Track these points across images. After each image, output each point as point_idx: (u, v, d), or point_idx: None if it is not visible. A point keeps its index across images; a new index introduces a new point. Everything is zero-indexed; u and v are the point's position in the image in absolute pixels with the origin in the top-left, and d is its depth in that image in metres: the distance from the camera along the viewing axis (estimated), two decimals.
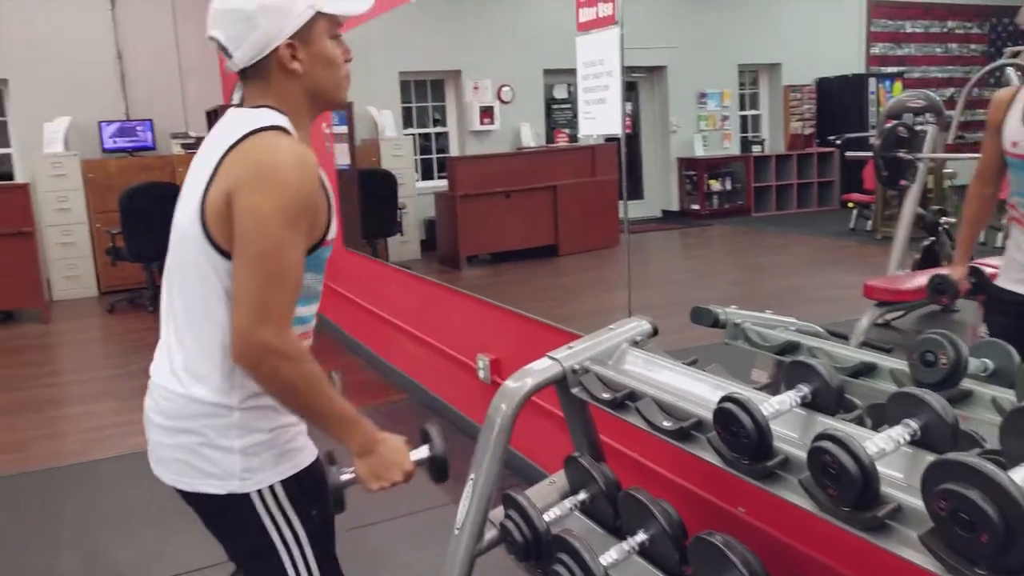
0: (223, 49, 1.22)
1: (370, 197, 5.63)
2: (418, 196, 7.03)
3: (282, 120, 1.21)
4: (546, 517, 1.65)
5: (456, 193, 6.52)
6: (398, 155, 6.86)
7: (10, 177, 7.38)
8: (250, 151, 1.16)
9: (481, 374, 3.21)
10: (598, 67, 2.19)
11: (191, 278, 1.23)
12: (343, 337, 5.17)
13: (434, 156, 7.79)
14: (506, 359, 3.11)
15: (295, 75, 1.23)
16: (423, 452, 1.37)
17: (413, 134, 7.54)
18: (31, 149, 7.10)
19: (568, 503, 1.74)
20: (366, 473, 1.27)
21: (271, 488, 1.27)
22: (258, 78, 1.24)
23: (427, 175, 7.70)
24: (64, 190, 6.92)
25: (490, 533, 1.69)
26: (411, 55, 6.47)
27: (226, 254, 1.17)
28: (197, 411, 1.24)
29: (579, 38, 2.28)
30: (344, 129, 5.21)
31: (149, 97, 7.66)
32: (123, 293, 6.89)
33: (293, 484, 1.30)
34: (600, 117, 2.20)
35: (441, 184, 7.04)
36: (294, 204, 1.14)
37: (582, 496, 1.74)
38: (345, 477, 1.29)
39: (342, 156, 5.12)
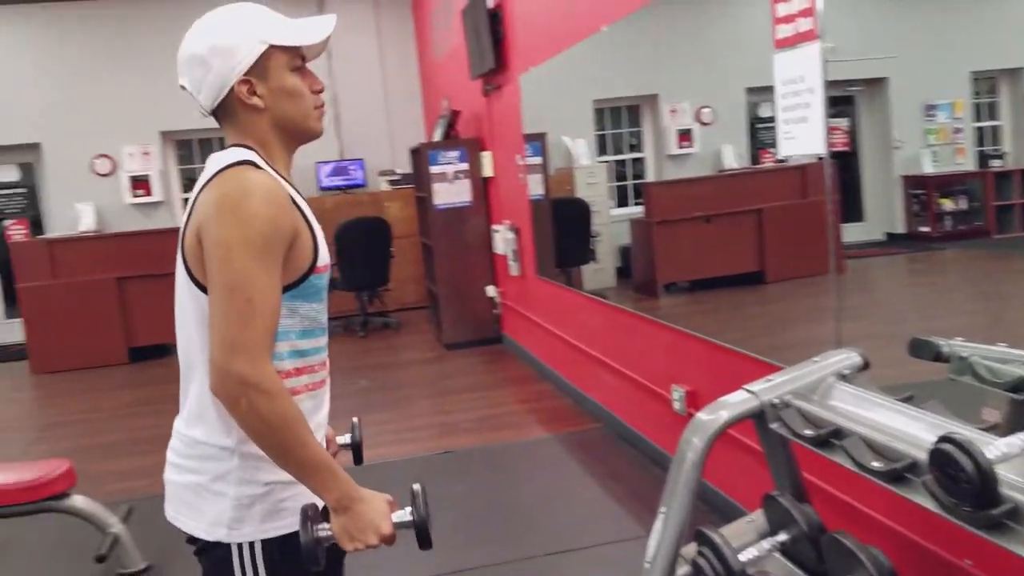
0: (193, 95, 1.29)
1: (563, 226, 5.77)
2: (613, 223, 7.08)
3: (250, 155, 1.24)
4: (742, 557, 1.61)
5: (652, 219, 6.50)
6: (592, 183, 6.96)
7: None
8: (216, 187, 1.19)
9: (676, 405, 3.18)
10: (798, 84, 2.13)
11: (186, 319, 1.27)
12: (536, 364, 5.31)
13: (629, 182, 7.82)
14: (702, 390, 3.05)
15: (257, 110, 1.26)
16: (405, 515, 1.26)
17: (608, 161, 7.63)
18: None
19: (767, 543, 1.69)
20: (340, 531, 1.20)
21: (251, 545, 1.26)
22: (228, 118, 1.29)
23: (622, 202, 7.72)
24: None
25: (682, 569, 1.67)
26: (605, 83, 6.59)
27: (206, 290, 1.20)
28: (200, 452, 1.27)
29: (777, 55, 2.23)
30: (538, 160, 5.40)
31: (360, 138, 8.42)
32: (338, 320, 7.54)
33: (275, 547, 1.27)
34: (801, 136, 2.14)
35: (637, 211, 7.04)
36: (261, 234, 1.16)
37: (782, 537, 1.68)
38: (321, 534, 1.20)
39: (535, 186, 5.30)
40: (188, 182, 8.47)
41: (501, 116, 5.61)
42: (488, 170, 6.08)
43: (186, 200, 8.36)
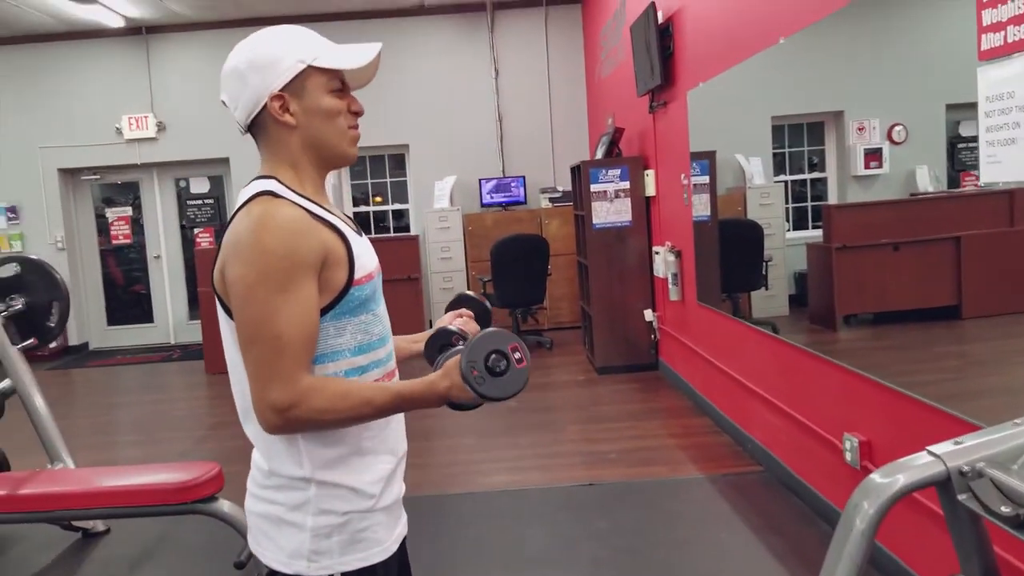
0: (230, 111, 1.31)
1: (731, 249, 5.52)
2: (788, 247, 6.72)
3: (269, 184, 1.24)
4: None
5: (832, 244, 6.09)
6: (766, 204, 6.64)
7: (407, 230, 8.75)
8: (234, 225, 1.21)
9: (848, 456, 2.91)
10: (1006, 102, 1.88)
11: (231, 352, 1.27)
12: (693, 395, 5.10)
13: (808, 204, 7.40)
14: (879, 443, 2.78)
15: (289, 127, 1.27)
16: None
17: (785, 181, 7.26)
18: (423, 205, 8.35)
19: None
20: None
21: None
22: (261, 136, 1.30)
23: (799, 224, 7.33)
24: (447, 241, 7.97)
25: None
26: (785, 98, 6.31)
27: None
28: (275, 483, 1.27)
29: (981, 68, 1.98)
30: (704, 179, 5.21)
31: (523, 155, 8.53)
32: None
33: None
34: (1007, 161, 1.88)
35: (815, 235, 6.64)
36: (279, 268, 1.16)
37: None
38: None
39: (702, 207, 5.12)
40: (359, 196, 8.93)
41: (666, 134, 5.47)
42: (650, 189, 5.95)
43: (356, 214, 8.83)
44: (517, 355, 1.16)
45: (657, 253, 5.82)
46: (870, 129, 7.44)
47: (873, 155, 7.57)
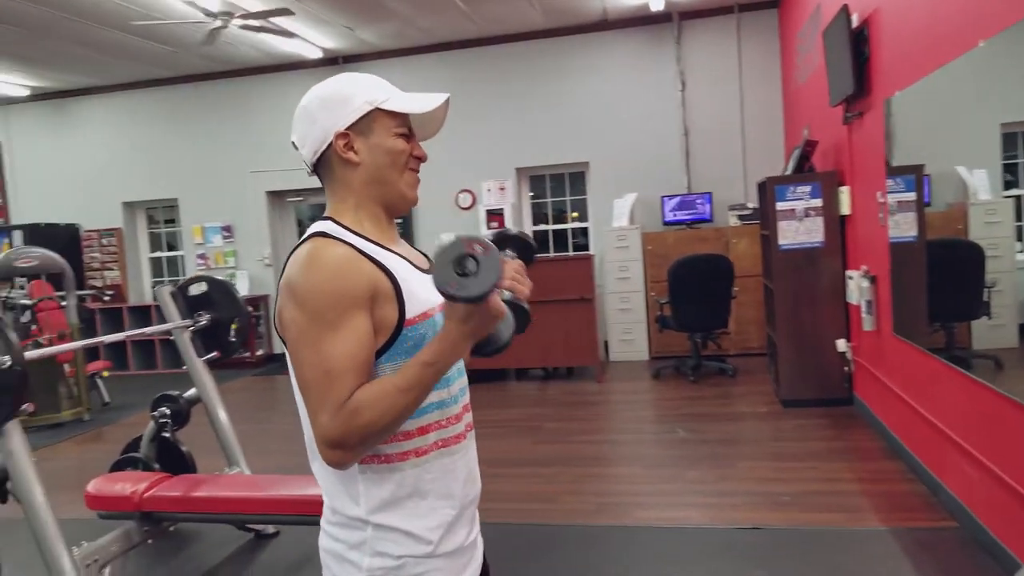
0: (299, 150, 1.34)
1: (943, 273, 5.01)
2: (1019, 271, 6.00)
3: (325, 226, 1.29)
4: None
5: None
6: (993, 221, 5.98)
7: (585, 248, 8.77)
8: (287, 268, 1.25)
9: None
10: None
11: (297, 389, 1.27)
12: (887, 437, 4.66)
13: None
14: None
15: (352, 165, 1.31)
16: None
17: (1018, 196, 6.49)
18: (602, 223, 8.32)
19: None
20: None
21: None
22: (326, 176, 1.34)
23: None
24: (625, 260, 7.88)
25: None
26: (1021, 102, 5.67)
27: None
28: (338, 521, 1.30)
29: None
30: (909, 196, 4.77)
31: (711, 171, 8.27)
32: (669, 360, 7.48)
33: None
34: None
35: None
36: (327, 305, 1.18)
37: None
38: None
39: (906, 226, 4.68)
40: (538, 215, 9.07)
41: (862, 146, 5.08)
42: (845, 208, 5.55)
43: (535, 232, 8.98)
44: (479, 247, 1.12)
45: (850, 278, 5.41)
46: None
47: None
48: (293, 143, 1.37)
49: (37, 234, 9.15)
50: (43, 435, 6.29)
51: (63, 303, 6.65)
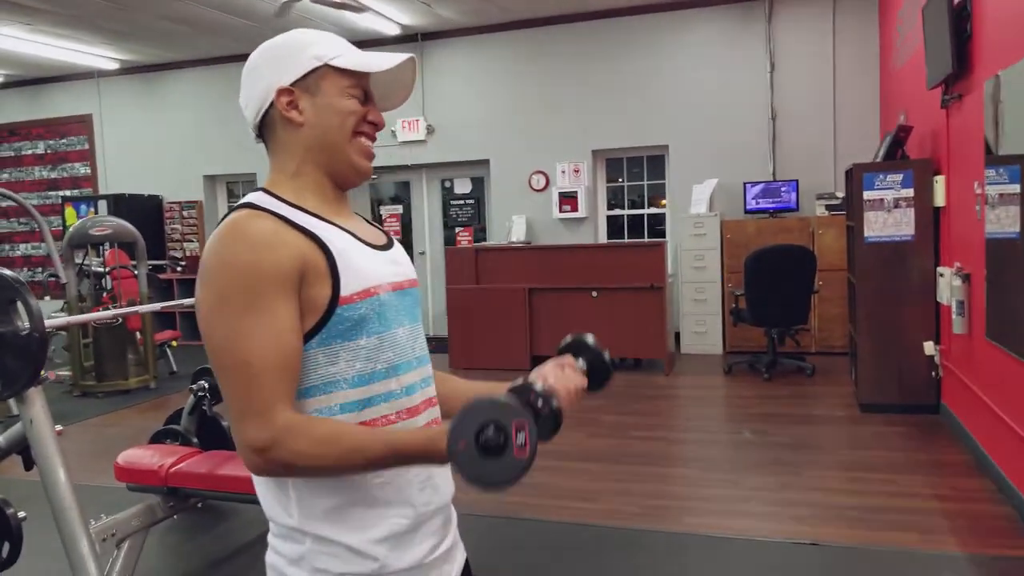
0: (244, 113, 1.22)
1: None
2: None
3: (254, 196, 1.15)
4: None
5: None
6: None
7: (663, 235, 8.47)
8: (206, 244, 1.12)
9: None
10: None
11: None
12: (976, 451, 4.28)
13: None
14: None
15: (295, 125, 1.17)
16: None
17: None
18: (680, 209, 8.00)
19: None
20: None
21: None
22: (269, 140, 1.21)
23: None
24: (702, 249, 7.55)
25: None
26: None
27: None
28: (277, 531, 1.16)
29: None
30: (1013, 188, 4.33)
31: (798, 157, 7.84)
32: (743, 355, 7.14)
33: None
34: None
35: None
36: (242, 284, 1.03)
37: None
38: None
39: (1008, 222, 4.25)
40: (613, 199, 8.81)
41: (960, 131, 4.66)
42: (940, 199, 5.12)
43: (608, 218, 8.73)
44: (520, 438, 0.92)
45: (941, 275, 4.99)
46: None
47: None
48: (241, 105, 1.24)
49: (122, 204, 9.46)
50: (109, 401, 6.47)
51: (136, 272, 6.80)
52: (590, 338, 1.35)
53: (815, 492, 3.93)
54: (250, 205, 1.14)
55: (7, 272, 2.34)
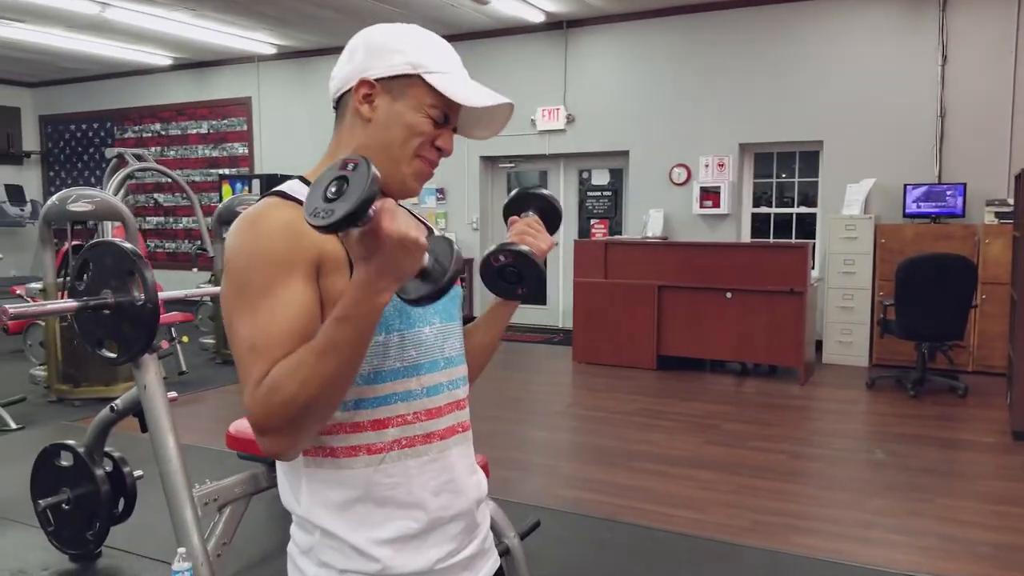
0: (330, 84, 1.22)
1: None
2: None
3: (288, 184, 1.16)
4: None
5: None
6: None
7: (813, 236, 8.11)
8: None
9: None
10: None
11: None
12: None
13: None
14: None
15: (363, 119, 1.16)
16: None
17: None
18: (831, 210, 7.63)
19: None
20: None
21: None
22: (337, 121, 1.22)
23: None
24: (852, 253, 7.18)
25: None
26: None
27: None
28: (294, 520, 1.19)
29: None
30: None
31: (968, 159, 7.29)
32: (890, 369, 6.76)
33: None
34: None
35: None
36: (255, 269, 1.04)
37: None
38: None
39: None
40: (761, 196, 8.53)
41: None
42: None
43: (754, 216, 8.46)
44: (350, 165, 0.92)
45: None
46: None
47: None
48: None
49: (273, 184, 9.96)
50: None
51: None
52: (541, 190, 1.42)
53: (945, 522, 3.69)
54: (279, 193, 1.14)
55: (127, 245, 2.58)
